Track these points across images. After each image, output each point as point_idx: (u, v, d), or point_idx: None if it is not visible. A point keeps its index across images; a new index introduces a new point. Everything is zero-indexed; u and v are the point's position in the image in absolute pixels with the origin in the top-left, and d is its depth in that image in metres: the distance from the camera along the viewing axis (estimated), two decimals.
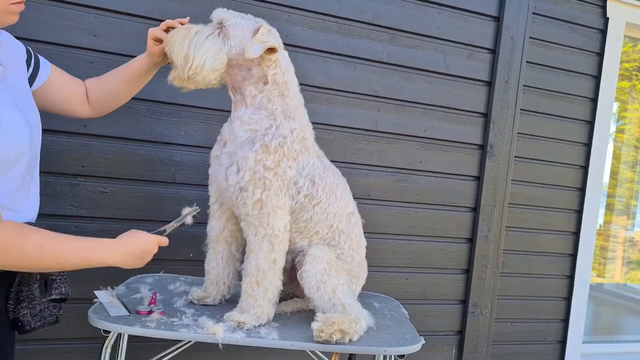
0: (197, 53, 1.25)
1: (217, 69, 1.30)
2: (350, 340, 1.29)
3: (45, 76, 1.29)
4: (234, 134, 1.38)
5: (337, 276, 1.40)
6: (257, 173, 1.31)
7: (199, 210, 1.36)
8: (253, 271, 1.35)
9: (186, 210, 1.35)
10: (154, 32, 1.35)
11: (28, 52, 1.25)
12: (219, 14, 1.33)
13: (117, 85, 1.40)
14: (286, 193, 1.37)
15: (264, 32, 1.30)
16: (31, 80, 1.26)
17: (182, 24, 1.32)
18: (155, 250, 1.18)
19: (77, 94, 1.37)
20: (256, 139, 1.33)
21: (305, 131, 1.43)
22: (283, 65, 1.37)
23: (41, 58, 1.30)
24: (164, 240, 1.22)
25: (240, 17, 1.33)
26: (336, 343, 1.26)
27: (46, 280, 1.09)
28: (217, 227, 1.49)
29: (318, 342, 1.26)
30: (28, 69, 1.24)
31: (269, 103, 1.36)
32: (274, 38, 1.34)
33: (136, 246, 1.14)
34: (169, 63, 1.35)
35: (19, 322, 1.14)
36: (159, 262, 1.87)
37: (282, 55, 1.38)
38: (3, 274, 1.08)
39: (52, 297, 1.10)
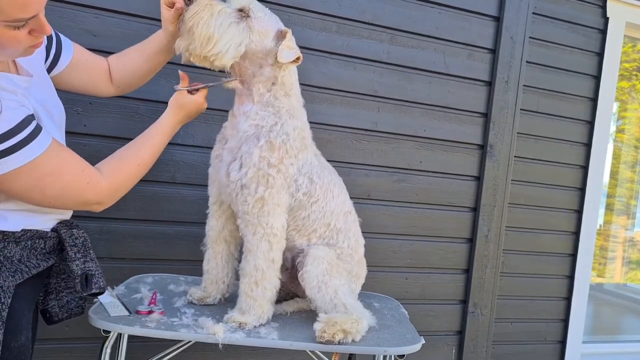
0: (221, 38, 1.22)
1: (235, 59, 1.28)
2: (352, 341, 1.29)
3: (68, 59, 1.27)
4: (236, 128, 1.37)
5: (338, 277, 1.40)
6: (261, 170, 1.31)
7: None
8: (252, 271, 1.35)
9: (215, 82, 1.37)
10: None
11: (49, 36, 1.22)
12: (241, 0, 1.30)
13: (139, 62, 1.37)
14: (287, 191, 1.37)
15: (291, 38, 1.32)
16: (53, 64, 1.24)
17: None
18: (205, 105, 1.35)
19: (100, 74, 1.36)
20: (261, 135, 1.33)
21: (305, 130, 1.43)
22: (291, 69, 1.39)
23: (63, 39, 1.27)
24: (206, 92, 1.35)
25: (264, 12, 1.32)
26: (339, 343, 1.26)
27: (87, 275, 1.12)
28: (216, 227, 1.49)
29: (321, 342, 1.26)
30: (47, 55, 1.22)
31: (275, 101, 1.36)
32: (295, 46, 1.35)
33: (188, 112, 1.32)
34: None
35: (48, 313, 1.20)
36: (160, 262, 1.88)
37: None
38: (43, 271, 1.12)
39: (93, 291, 1.12)
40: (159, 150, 1.25)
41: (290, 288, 1.59)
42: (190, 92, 1.31)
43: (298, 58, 1.33)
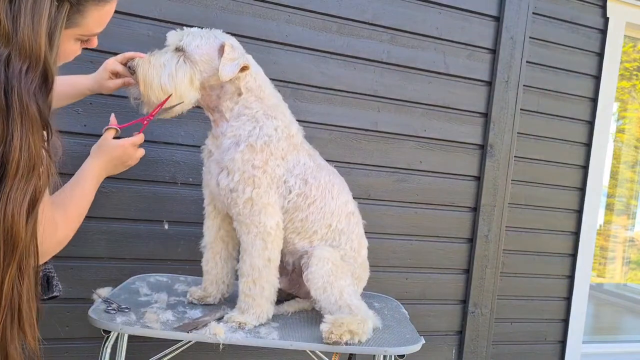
0: (176, 87, 1.26)
1: (196, 96, 1.31)
2: (359, 341, 1.29)
3: None
4: (218, 146, 1.39)
5: (344, 277, 1.40)
6: (246, 172, 1.32)
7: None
8: (248, 270, 1.35)
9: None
10: (113, 65, 1.33)
11: None
12: (174, 37, 1.31)
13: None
14: (276, 191, 1.37)
15: (229, 50, 1.30)
16: None
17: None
18: (135, 153, 1.19)
19: None
20: (240, 141, 1.34)
21: (290, 128, 1.42)
22: (253, 72, 1.37)
23: None
24: (138, 140, 1.21)
25: (199, 37, 1.31)
26: (346, 344, 1.26)
27: (48, 278, 1.09)
28: (213, 227, 1.50)
29: (328, 343, 1.26)
30: None
31: (246, 109, 1.36)
32: (240, 53, 1.33)
33: (112, 158, 1.15)
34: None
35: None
36: (160, 262, 1.88)
37: (250, 61, 1.38)
38: None
39: (54, 294, 1.10)
40: (89, 203, 1.07)
41: (290, 292, 1.58)
42: (117, 136, 1.19)
43: (244, 68, 1.31)
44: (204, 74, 1.30)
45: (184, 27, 1.35)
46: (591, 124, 2.55)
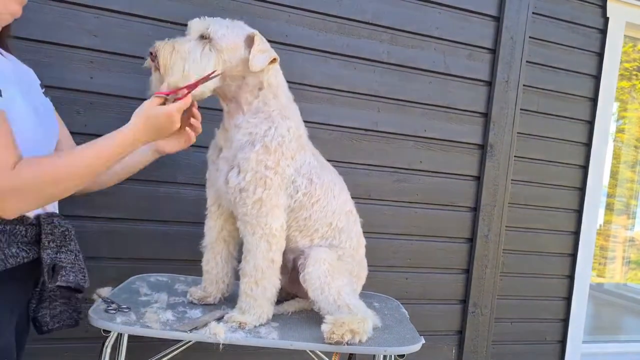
0: (200, 75, 1.24)
1: (216, 84, 1.30)
2: (360, 341, 1.29)
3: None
4: (230, 140, 1.38)
5: (341, 277, 1.40)
6: (259, 173, 1.31)
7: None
8: (251, 271, 1.35)
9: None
10: None
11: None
12: (198, 25, 1.30)
13: (117, 169, 1.38)
14: (285, 192, 1.37)
15: (259, 41, 1.30)
16: None
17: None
18: (178, 120, 1.16)
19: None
20: (256, 140, 1.33)
21: (300, 128, 1.42)
22: (274, 67, 1.38)
23: (54, 112, 1.26)
24: (184, 105, 1.17)
25: (225, 27, 1.30)
26: (347, 344, 1.26)
27: (54, 265, 1.08)
28: (215, 227, 1.49)
29: (330, 343, 1.26)
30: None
31: (265, 106, 1.36)
32: (269, 46, 1.34)
33: (155, 126, 1.14)
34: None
35: (37, 322, 1.15)
36: (160, 262, 1.88)
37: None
38: (31, 271, 1.09)
39: (58, 283, 1.08)
40: (99, 161, 1.06)
41: (290, 291, 1.58)
42: (165, 102, 1.18)
43: (274, 60, 1.32)
44: (227, 63, 1.29)
45: (188, 25, 1.34)
46: (591, 123, 2.55)
